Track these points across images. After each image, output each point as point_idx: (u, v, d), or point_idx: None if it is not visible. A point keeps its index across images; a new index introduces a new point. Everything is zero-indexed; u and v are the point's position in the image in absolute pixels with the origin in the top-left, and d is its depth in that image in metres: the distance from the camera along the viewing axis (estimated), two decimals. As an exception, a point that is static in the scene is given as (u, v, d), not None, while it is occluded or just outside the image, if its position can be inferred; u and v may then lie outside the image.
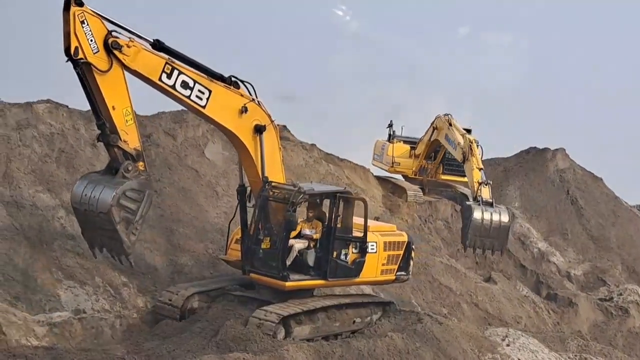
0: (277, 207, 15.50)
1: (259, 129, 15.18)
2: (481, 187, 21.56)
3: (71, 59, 12.78)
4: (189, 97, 14.14)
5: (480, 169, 22.26)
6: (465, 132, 24.86)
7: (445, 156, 28.53)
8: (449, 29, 79.39)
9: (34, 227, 16.35)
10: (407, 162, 29.95)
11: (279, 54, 69.19)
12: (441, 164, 29.47)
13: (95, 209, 13.28)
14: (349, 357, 14.71)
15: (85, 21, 12.73)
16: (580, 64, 76.00)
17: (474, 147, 22.93)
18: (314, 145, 25.97)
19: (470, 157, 22.70)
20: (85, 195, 13.42)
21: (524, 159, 35.19)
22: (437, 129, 26.50)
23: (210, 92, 14.38)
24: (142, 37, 13.64)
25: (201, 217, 19.66)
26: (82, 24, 12.70)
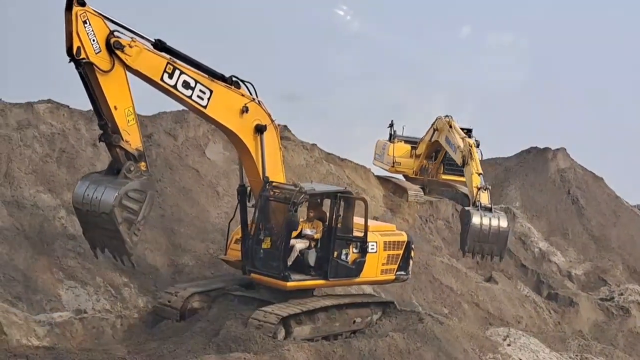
0: (278, 207, 15.50)
1: (260, 129, 15.17)
2: (480, 192, 21.56)
3: (73, 59, 12.76)
4: (190, 97, 14.14)
5: (479, 173, 22.27)
6: (465, 135, 24.91)
7: (446, 156, 28.51)
8: (450, 29, 79.42)
9: (34, 227, 16.35)
10: (408, 162, 29.98)
11: (279, 54, 69.21)
12: (442, 164, 29.48)
13: (97, 209, 13.27)
14: (350, 357, 14.71)
15: (87, 21, 12.70)
16: (581, 63, 76.02)
17: (473, 151, 22.95)
18: (314, 145, 25.97)
19: (469, 161, 22.72)
20: (87, 195, 13.41)
21: (525, 158, 35.20)
22: (438, 130, 26.53)
23: (211, 92, 14.37)
24: (143, 37, 13.62)
25: (202, 217, 19.66)
26: (84, 23, 12.67)
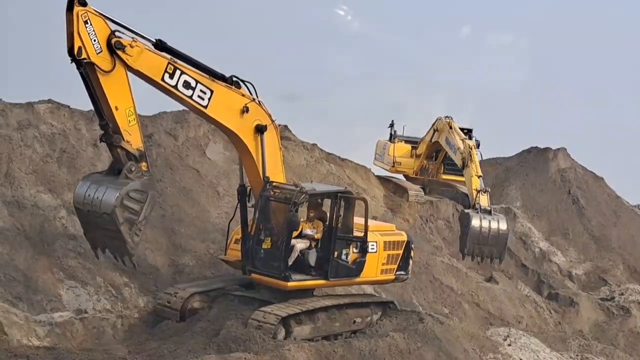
0: (278, 207, 15.50)
1: (260, 129, 15.16)
2: (480, 195, 21.60)
3: (74, 59, 12.73)
4: (190, 97, 14.13)
5: (479, 176, 22.31)
6: (465, 137, 24.96)
7: (446, 156, 28.53)
8: (450, 29, 79.45)
9: (35, 227, 16.35)
10: (408, 162, 30.00)
11: (279, 54, 69.26)
12: (442, 164, 29.51)
13: (98, 209, 13.26)
14: (351, 357, 14.71)
15: (88, 21, 12.68)
16: (581, 63, 76.02)
17: (473, 154, 22.99)
18: (315, 145, 25.98)
19: (469, 164, 22.76)
20: (88, 196, 13.39)
21: (526, 158, 35.20)
22: (438, 131, 26.57)
23: (211, 92, 14.36)
24: (144, 37, 13.61)
25: (202, 217, 19.66)
26: (85, 24, 12.64)
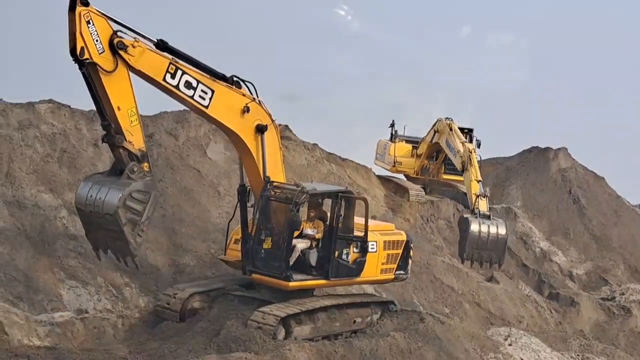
0: (279, 207, 15.49)
1: (261, 129, 15.16)
2: (479, 200, 21.66)
3: (77, 60, 12.72)
4: (192, 97, 14.11)
5: (478, 180, 22.36)
6: (465, 140, 25.05)
7: (446, 156, 28.53)
8: (450, 29, 79.39)
9: (36, 227, 16.35)
10: (409, 161, 30.02)
11: (279, 54, 69.20)
12: (443, 164, 29.52)
13: (101, 210, 13.23)
14: (351, 356, 14.71)
15: (90, 21, 12.66)
16: (581, 63, 75.99)
17: (473, 157, 23.03)
18: (316, 144, 25.98)
19: (469, 167, 22.80)
20: (90, 196, 13.36)
21: (526, 158, 35.21)
22: (438, 132, 26.61)
23: (213, 92, 14.35)
24: (146, 37, 13.59)
25: (203, 217, 19.66)
26: (87, 24, 12.61)
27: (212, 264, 18.20)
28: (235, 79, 14.77)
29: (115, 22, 13.12)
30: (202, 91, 14.18)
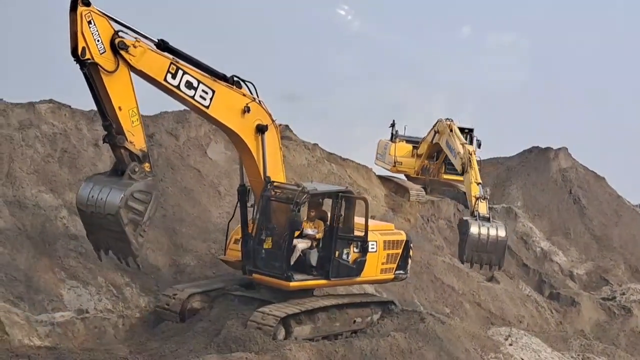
0: (279, 207, 15.48)
1: (261, 129, 15.15)
2: (478, 202, 21.71)
3: (78, 60, 12.69)
4: (193, 97, 14.10)
5: (478, 183, 22.40)
6: (465, 141, 25.12)
7: (447, 156, 28.57)
8: (450, 29, 79.52)
9: (36, 227, 16.34)
10: (409, 161, 30.05)
11: (279, 54, 69.32)
12: (443, 164, 29.54)
13: (102, 211, 13.21)
14: (352, 356, 14.70)
15: (92, 21, 12.62)
16: (582, 63, 76.04)
17: (473, 160, 23.07)
18: (316, 144, 26.00)
19: (469, 170, 22.83)
20: (92, 197, 13.34)
21: (527, 158, 35.24)
22: (439, 133, 26.64)
23: (213, 92, 14.33)
24: (147, 37, 13.58)
25: (204, 216, 19.66)
26: (89, 24, 12.58)
27: (212, 264, 18.20)
28: (235, 79, 14.76)
29: (116, 22, 13.11)
30: (202, 91, 14.17)
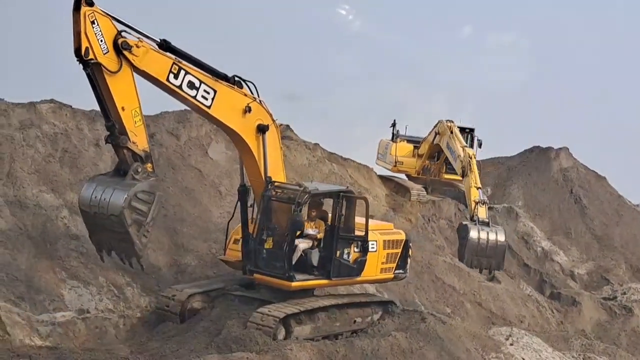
0: (281, 207, 15.47)
1: (262, 129, 15.15)
2: (478, 207, 21.74)
3: (81, 60, 12.69)
4: (194, 97, 14.09)
5: (478, 187, 22.43)
6: (466, 144, 25.18)
7: (448, 156, 28.61)
8: (451, 29, 79.53)
9: (37, 227, 16.35)
10: (410, 161, 30.06)
11: (280, 54, 69.32)
12: (444, 164, 29.52)
13: (106, 211, 13.18)
14: (353, 356, 14.70)
15: (95, 21, 12.62)
16: (583, 62, 76.02)
17: (473, 164, 23.11)
18: (317, 144, 26.00)
19: (469, 173, 22.85)
20: (95, 197, 13.31)
21: (528, 158, 35.24)
22: (439, 134, 26.66)
23: (215, 92, 14.33)
24: (149, 37, 13.57)
25: (204, 216, 19.66)
26: (92, 24, 12.58)
27: (213, 263, 18.19)
28: (236, 79, 14.77)
29: (119, 22, 13.09)
30: (204, 91, 14.17)
